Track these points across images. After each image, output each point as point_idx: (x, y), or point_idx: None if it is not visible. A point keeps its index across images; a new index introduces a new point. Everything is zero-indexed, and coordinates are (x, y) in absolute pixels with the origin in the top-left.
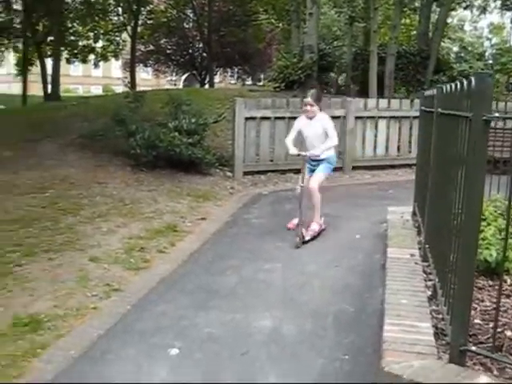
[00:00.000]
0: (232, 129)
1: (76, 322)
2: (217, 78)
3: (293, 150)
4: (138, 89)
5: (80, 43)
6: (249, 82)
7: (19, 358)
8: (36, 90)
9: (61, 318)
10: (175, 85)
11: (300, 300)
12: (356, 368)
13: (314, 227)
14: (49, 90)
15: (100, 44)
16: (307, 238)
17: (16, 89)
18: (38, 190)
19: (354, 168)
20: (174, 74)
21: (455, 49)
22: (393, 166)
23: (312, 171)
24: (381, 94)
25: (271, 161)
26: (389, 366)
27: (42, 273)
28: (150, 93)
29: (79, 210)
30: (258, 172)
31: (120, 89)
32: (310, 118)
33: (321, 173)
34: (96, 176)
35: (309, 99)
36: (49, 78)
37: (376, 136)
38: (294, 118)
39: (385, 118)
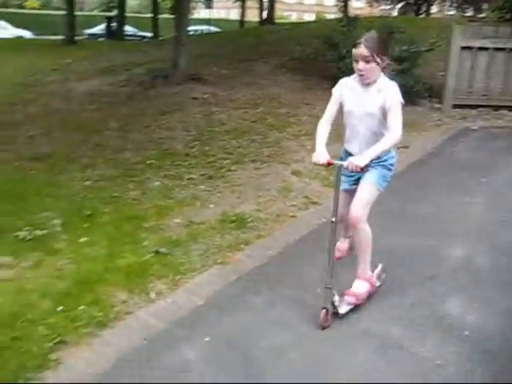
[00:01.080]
0: (445, 58)
1: (275, 226)
2: (434, 8)
3: (319, 156)
4: None
5: None
6: (469, 12)
7: (225, 249)
8: (252, 15)
9: (262, 221)
10: (389, 14)
11: (497, 236)
12: None
13: (359, 289)
14: (264, 16)
15: None
16: (342, 312)
17: (234, 15)
18: (250, 105)
19: None
20: (389, 3)
21: None
22: None
23: (354, 181)
24: None
25: (484, 95)
26: None
27: (249, 180)
28: (363, 20)
29: (286, 127)
30: (469, 106)
31: (332, 17)
32: (365, 85)
33: (371, 188)
34: (304, 98)
35: (362, 48)
36: (265, 5)
37: None
38: None
39: None
